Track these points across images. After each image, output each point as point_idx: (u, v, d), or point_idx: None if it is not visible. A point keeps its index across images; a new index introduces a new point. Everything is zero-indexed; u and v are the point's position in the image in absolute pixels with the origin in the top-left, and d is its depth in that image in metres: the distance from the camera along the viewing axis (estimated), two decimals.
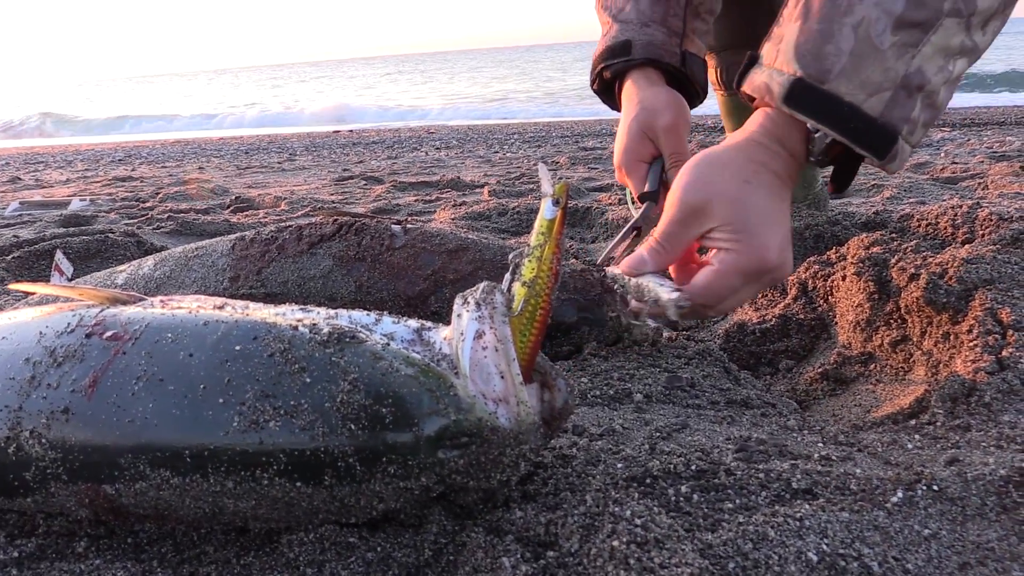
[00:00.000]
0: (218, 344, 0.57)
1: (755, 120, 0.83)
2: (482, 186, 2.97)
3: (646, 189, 1.05)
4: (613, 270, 0.91)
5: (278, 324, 0.58)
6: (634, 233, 1.03)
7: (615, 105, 1.16)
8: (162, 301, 0.67)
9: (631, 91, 1.10)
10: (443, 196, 2.79)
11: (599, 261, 1.03)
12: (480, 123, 9.74)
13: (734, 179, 0.79)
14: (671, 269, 0.86)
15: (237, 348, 0.57)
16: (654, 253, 0.83)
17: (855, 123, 0.74)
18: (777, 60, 0.78)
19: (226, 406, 0.55)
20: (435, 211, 2.36)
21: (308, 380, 0.54)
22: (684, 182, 0.82)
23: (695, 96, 1.15)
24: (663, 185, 1.05)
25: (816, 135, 0.79)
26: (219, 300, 0.66)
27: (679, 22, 1.10)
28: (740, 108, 1.65)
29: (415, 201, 2.70)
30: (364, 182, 3.53)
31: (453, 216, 2.08)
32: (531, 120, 9.42)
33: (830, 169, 0.84)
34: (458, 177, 3.31)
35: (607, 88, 1.17)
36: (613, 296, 0.98)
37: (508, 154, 4.97)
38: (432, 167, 4.25)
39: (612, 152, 1.51)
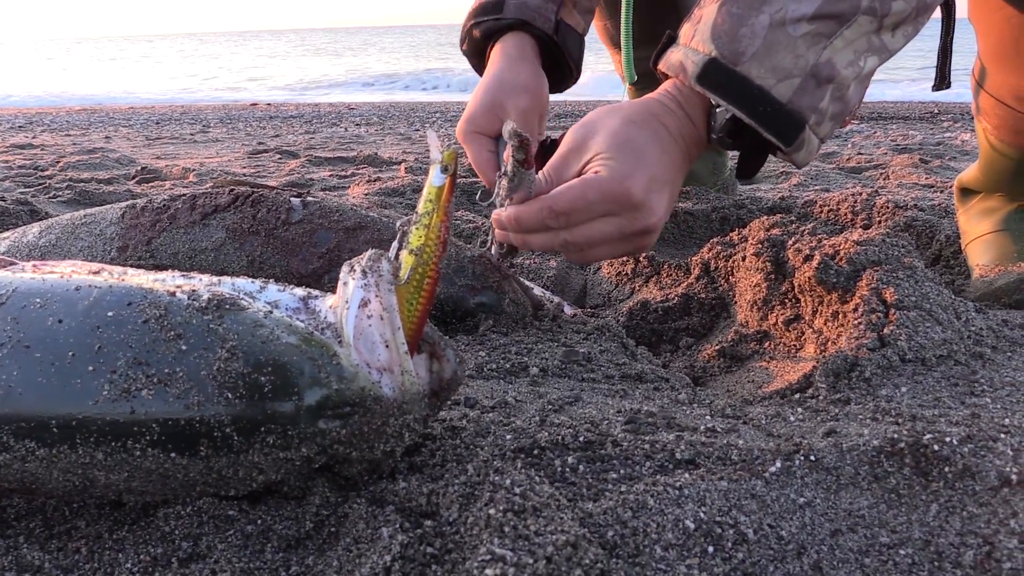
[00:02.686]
0: (89, 310, 0.55)
1: (663, 86, 0.85)
2: (400, 163, 2.93)
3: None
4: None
5: (155, 290, 0.56)
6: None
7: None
8: (34, 266, 0.63)
9: (495, 58, 1.06)
10: (359, 172, 2.74)
11: (493, 255, 1.00)
12: (402, 100, 9.63)
13: (621, 119, 0.81)
14: None
15: (110, 314, 0.54)
16: (539, 183, 0.82)
17: (763, 106, 0.76)
18: (693, 40, 0.79)
19: (96, 374, 0.52)
20: (349, 186, 2.32)
21: (184, 347, 0.52)
22: (578, 124, 0.84)
23: (568, 74, 1.12)
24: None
25: (718, 110, 0.80)
26: (95, 265, 0.63)
27: None
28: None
29: (330, 176, 2.65)
30: (279, 156, 3.44)
31: (367, 191, 2.05)
32: (454, 98, 9.36)
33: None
34: (376, 153, 3.26)
35: (479, 51, 1.12)
36: (512, 283, 0.97)
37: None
38: (350, 143, 4.18)
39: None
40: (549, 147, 1.06)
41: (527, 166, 0.76)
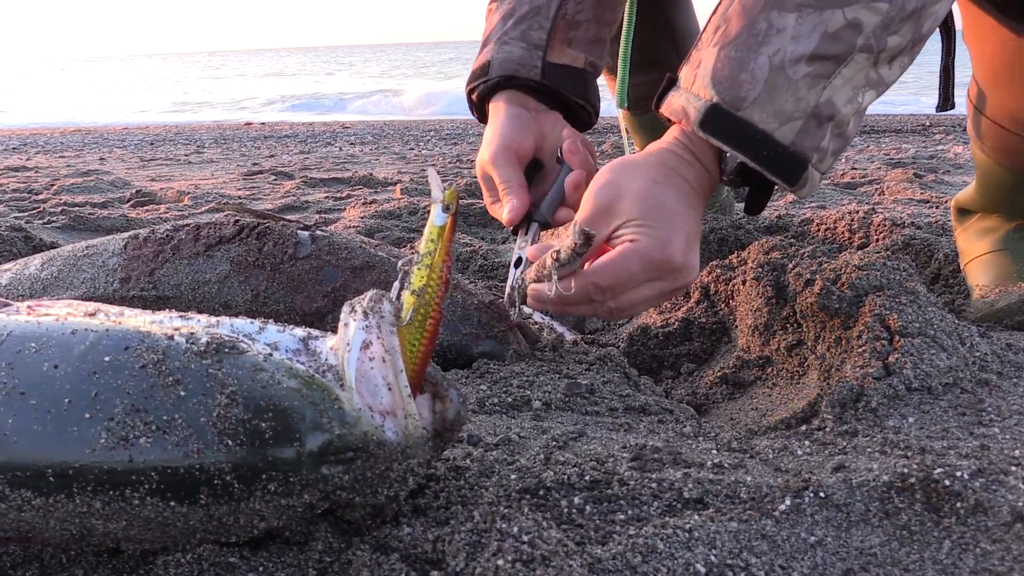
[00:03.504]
0: (86, 355, 0.54)
1: (671, 133, 0.85)
2: (395, 184, 2.93)
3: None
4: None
5: (152, 333, 0.55)
6: (521, 266, 0.99)
7: None
8: (29, 307, 0.62)
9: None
10: (354, 193, 2.74)
11: (506, 304, 0.99)
12: (397, 119, 9.64)
13: (644, 179, 0.80)
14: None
15: (107, 359, 0.53)
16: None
17: (767, 150, 0.76)
18: (695, 85, 0.79)
19: (93, 421, 0.51)
20: (345, 208, 2.32)
21: (183, 393, 0.51)
22: (597, 184, 0.83)
23: (581, 110, 1.09)
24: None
25: (727, 155, 0.80)
26: (92, 306, 0.62)
27: (543, 34, 1.05)
28: (647, 126, 1.64)
29: (325, 198, 2.64)
30: (274, 177, 3.44)
31: (363, 214, 2.04)
32: (448, 117, 9.38)
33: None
34: (371, 174, 3.26)
35: (483, 116, 1.11)
36: (516, 333, 0.96)
37: (424, 151, 4.93)
38: (345, 163, 4.18)
39: None
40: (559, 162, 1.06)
41: (583, 257, 0.76)
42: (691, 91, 0.79)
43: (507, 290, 0.98)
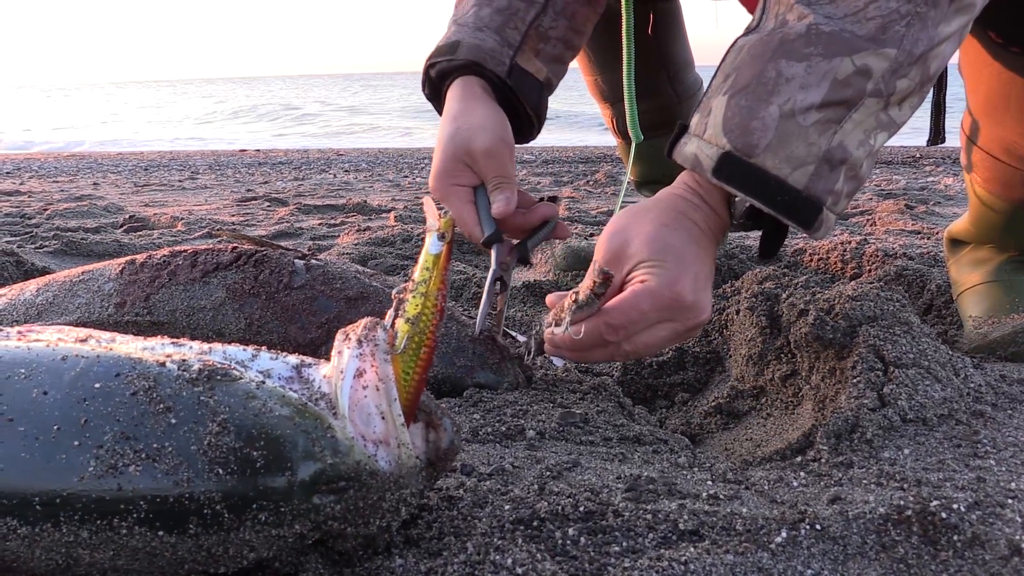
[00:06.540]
0: (76, 381, 0.53)
1: (681, 179, 0.86)
2: (389, 211, 2.93)
3: (486, 233, 0.98)
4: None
5: (144, 360, 0.54)
6: (497, 285, 0.98)
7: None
8: (19, 333, 0.62)
9: (449, 104, 1.04)
10: (348, 220, 2.74)
11: (477, 325, 0.98)
12: (391, 146, 9.68)
13: (652, 223, 0.82)
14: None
15: (97, 386, 0.53)
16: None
17: (782, 196, 0.77)
18: (706, 132, 0.80)
19: (82, 449, 0.51)
20: (339, 235, 2.31)
21: (174, 421, 0.51)
22: (609, 230, 0.84)
23: (528, 122, 1.09)
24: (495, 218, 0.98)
25: (736, 199, 0.81)
26: (83, 332, 0.61)
27: (517, 35, 1.06)
28: (642, 155, 1.64)
29: (319, 225, 2.64)
30: (268, 203, 3.44)
31: (356, 241, 2.04)
32: None
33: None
34: (365, 201, 3.26)
35: (436, 93, 1.11)
36: (513, 365, 0.95)
37: (418, 178, 4.95)
38: (339, 190, 4.19)
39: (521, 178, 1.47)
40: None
41: (601, 299, 0.76)
42: (703, 138, 0.80)
43: (483, 302, 0.96)
